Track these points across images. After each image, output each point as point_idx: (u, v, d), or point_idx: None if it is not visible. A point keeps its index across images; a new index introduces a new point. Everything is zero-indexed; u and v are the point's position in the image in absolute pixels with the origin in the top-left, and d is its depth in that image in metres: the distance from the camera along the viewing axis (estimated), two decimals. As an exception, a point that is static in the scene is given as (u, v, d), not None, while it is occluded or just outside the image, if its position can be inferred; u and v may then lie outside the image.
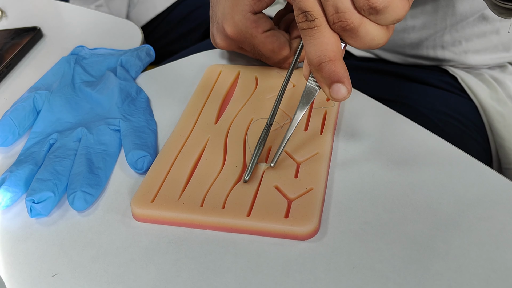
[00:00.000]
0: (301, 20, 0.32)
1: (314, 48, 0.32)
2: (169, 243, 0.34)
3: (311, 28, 0.32)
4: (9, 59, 0.57)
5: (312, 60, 0.33)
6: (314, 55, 0.32)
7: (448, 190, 0.35)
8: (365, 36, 0.32)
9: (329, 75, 0.33)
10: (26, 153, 0.42)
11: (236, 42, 0.47)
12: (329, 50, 0.32)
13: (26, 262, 0.34)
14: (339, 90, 0.33)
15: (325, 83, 0.33)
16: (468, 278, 0.29)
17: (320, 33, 0.32)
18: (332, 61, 0.32)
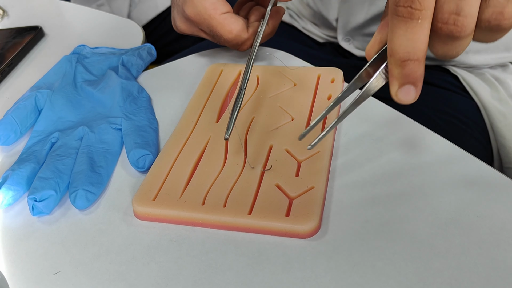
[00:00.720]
0: (404, 4, 0.27)
1: (406, 41, 0.28)
2: (171, 241, 0.34)
3: (412, 18, 0.27)
4: (11, 58, 0.58)
5: (398, 53, 0.29)
6: (403, 48, 0.28)
7: (449, 189, 0.35)
8: (458, 48, 0.29)
9: (409, 74, 0.29)
10: (28, 152, 0.42)
11: (195, 23, 0.48)
12: (421, 50, 0.28)
13: (28, 260, 0.34)
14: (409, 92, 0.30)
15: (398, 80, 0.30)
16: (468, 276, 0.29)
17: (420, 28, 0.28)
18: (418, 62, 0.29)
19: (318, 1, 0.66)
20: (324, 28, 0.69)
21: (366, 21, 0.62)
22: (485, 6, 0.26)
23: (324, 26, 0.69)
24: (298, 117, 0.42)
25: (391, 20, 0.28)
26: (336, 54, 0.70)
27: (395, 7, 0.28)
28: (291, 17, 0.73)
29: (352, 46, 0.67)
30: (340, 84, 0.45)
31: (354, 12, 0.62)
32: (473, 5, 0.26)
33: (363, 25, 0.63)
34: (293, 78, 0.46)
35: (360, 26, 0.64)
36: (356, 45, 0.67)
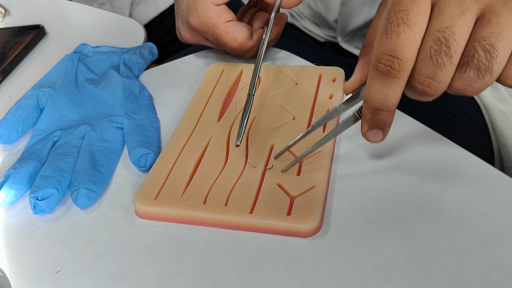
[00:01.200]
0: (385, 62, 0.29)
1: (381, 94, 0.31)
2: (172, 240, 0.34)
3: (390, 76, 0.29)
4: (13, 57, 0.58)
5: (372, 102, 0.31)
6: (376, 99, 0.31)
7: (450, 188, 0.35)
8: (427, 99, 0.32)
9: (379, 121, 0.32)
10: (29, 151, 0.42)
11: (200, 33, 0.48)
12: (393, 103, 0.31)
13: (30, 258, 0.34)
14: (377, 135, 0.33)
15: (369, 124, 0.33)
16: (469, 276, 0.29)
17: (396, 86, 0.30)
18: (389, 112, 0.32)
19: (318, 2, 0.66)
20: (325, 28, 0.69)
21: (366, 23, 0.63)
22: (458, 77, 0.29)
23: (325, 26, 0.69)
24: (299, 116, 0.42)
25: (371, 72, 0.30)
26: (337, 53, 0.70)
27: (376, 62, 0.30)
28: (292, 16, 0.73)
29: (352, 46, 0.67)
30: (341, 83, 0.45)
31: (354, 14, 0.63)
32: (448, 74, 0.29)
33: (363, 26, 0.63)
34: (295, 77, 0.46)
35: (360, 28, 0.64)
36: (357, 46, 0.67)
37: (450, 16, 0.28)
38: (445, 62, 0.28)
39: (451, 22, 0.28)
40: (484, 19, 0.27)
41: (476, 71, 0.28)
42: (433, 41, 0.28)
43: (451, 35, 0.28)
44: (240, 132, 0.37)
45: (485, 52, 0.27)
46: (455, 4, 0.28)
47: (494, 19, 0.27)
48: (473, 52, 0.28)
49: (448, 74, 0.29)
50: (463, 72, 0.28)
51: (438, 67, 0.28)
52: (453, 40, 0.28)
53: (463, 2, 0.28)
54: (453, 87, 0.29)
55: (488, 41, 0.27)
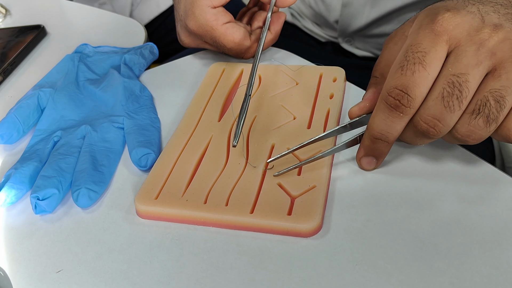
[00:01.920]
0: (395, 96, 0.31)
1: (384, 125, 0.33)
2: (173, 239, 0.34)
3: (397, 110, 0.31)
4: (14, 57, 0.58)
5: (374, 130, 0.33)
6: (379, 129, 0.33)
7: (451, 188, 0.35)
8: (423, 142, 0.34)
9: (375, 150, 0.35)
10: (30, 151, 0.42)
11: (199, 36, 0.48)
12: (393, 136, 0.33)
13: (31, 258, 0.34)
14: (370, 163, 0.36)
15: (366, 150, 0.35)
16: (470, 276, 0.29)
17: (400, 120, 0.32)
18: (388, 143, 0.34)
19: (320, 2, 0.66)
20: (326, 29, 0.69)
21: (367, 24, 0.63)
22: (466, 122, 0.31)
23: (326, 26, 0.69)
24: (300, 116, 0.42)
25: (379, 102, 0.32)
26: (338, 53, 0.70)
27: (386, 95, 0.31)
28: (292, 16, 0.73)
29: (353, 46, 0.67)
30: (342, 83, 0.45)
31: (355, 16, 0.63)
32: (454, 119, 0.31)
33: (363, 27, 0.63)
34: (295, 77, 0.46)
35: (361, 29, 0.64)
36: (357, 46, 0.67)
37: (465, 64, 0.30)
38: (455, 105, 0.30)
39: (465, 70, 0.29)
40: (495, 73, 0.30)
41: (485, 119, 0.30)
42: (447, 83, 0.30)
43: (465, 82, 0.30)
44: (237, 132, 0.37)
45: (496, 103, 0.30)
46: (471, 55, 0.30)
47: (504, 74, 0.29)
48: (485, 101, 0.30)
49: (455, 118, 0.31)
50: (473, 119, 0.30)
51: (448, 109, 0.30)
52: (465, 87, 0.30)
53: (478, 54, 0.30)
54: (458, 132, 0.31)
55: (499, 93, 0.29)
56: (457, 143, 0.33)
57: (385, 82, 0.32)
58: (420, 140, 0.33)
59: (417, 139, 0.33)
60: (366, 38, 0.65)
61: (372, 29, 0.63)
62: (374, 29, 0.63)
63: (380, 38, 0.64)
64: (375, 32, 0.64)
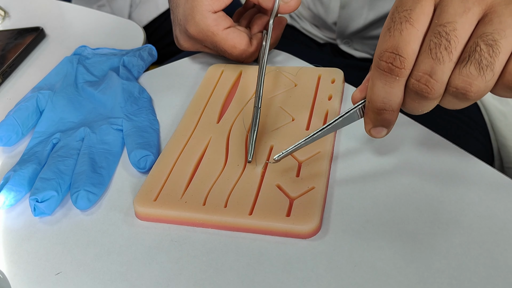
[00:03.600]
0: (387, 60, 0.29)
1: (384, 93, 0.31)
2: (172, 241, 0.34)
3: (391, 74, 0.29)
4: (12, 59, 0.58)
5: (375, 102, 0.31)
6: (379, 99, 0.31)
7: (449, 189, 0.35)
8: (423, 107, 0.31)
9: (383, 120, 0.32)
10: (29, 153, 0.42)
11: (199, 41, 0.48)
12: (396, 102, 0.31)
13: (30, 260, 0.34)
14: (381, 132, 0.33)
15: (372, 123, 0.33)
16: (468, 276, 0.29)
17: (397, 84, 0.30)
18: (393, 111, 0.32)
19: (318, 4, 0.66)
20: (324, 30, 0.69)
21: (365, 25, 0.63)
22: (457, 73, 0.28)
23: (324, 28, 0.69)
24: (298, 117, 0.42)
25: (373, 71, 0.31)
26: (336, 54, 0.70)
27: (378, 60, 0.30)
28: (291, 18, 0.73)
29: (351, 48, 0.67)
30: (340, 85, 0.45)
31: (353, 17, 0.63)
32: (445, 71, 0.28)
33: (362, 29, 0.63)
34: (294, 78, 0.46)
35: (359, 31, 0.64)
36: (356, 47, 0.67)
37: (451, 13, 0.28)
38: (444, 56, 0.28)
39: (452, 18, 0.28)
40: (486, 19, 0.28)
41: (477, 65, 0.28)
42: (433, 35, 0.28)
43: (452, 30, 0.28)
44: (250, 148, 0.37)
45: (487, 47, 0.27)
46: (457, 4, 0.28)
47: (496, 18, 0.27)
48: (475, 47, 0.28)
49: (447, 71, 0.29)
50: (463, 67, 0.28)
51: (437, 61, 0.28)
52: (454, 36, 0.28)
53: (465, 1, 0.28)
54: (452, 85, 0.29)
55: (491, 36, 0.27)
56: (458, 103, 0.30)
57: (376, 49, 0.30)
58: (419, 104, 0.31)
59: (416, 104, 0.31)
60: (364, 39, 0.65)
61: (370, 31, 0.64)
62: (372, 31, 0.63)
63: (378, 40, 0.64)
64: (373, 34, 0.64)
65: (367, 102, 0.32)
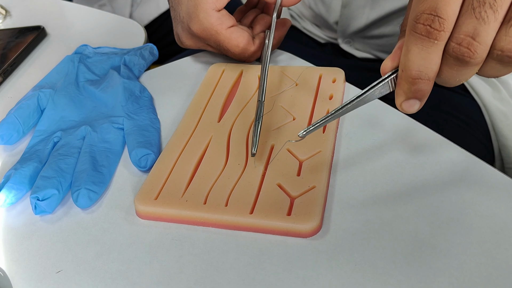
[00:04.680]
0: (424, 22, 0.27)
1: (420, 60, 0.28)
2: (173, 240, 0.34)
3: (429, 37, 0.27)
4: (14, 58, 0.58)
5: (410, 70, 0.29)
6: (416, 67, 0.29)
7: (450, 188, 0.35)
8: (461, 76, 0.29)
9: (417, 91, 0.30)
10: (30, 151, 0.42)
11: (202, 39, 0.48)
12: (433, 70, 0.29)
13: (30, 258, 0.34)
14: (414, 105, 0.31)
15: (406, 94, 0.30)
16: (469, 276, 0.29)
17: (435, 48, 0.27)
18: (428, 81, 0.29)
19: (319, 3, 0.66)
20: (325, 30, 0.69)
21: (367, 25, 0.63)
22: (503, 34, 0.26)
23: (325, 27, 0.69)
24: (299, 116, 0.42)
25: (408, 36, 0.28)
26: (337, 54, 0.70)
27: (414, 23, 0.27)
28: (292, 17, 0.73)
29: (352, 48, 0.67)
30: (341, 84, 0.45)
31: (355, 17, 0.63)
32: (490, 33, 0.26)
33: (363, 28, 0.63)
34: (295, 78, 0.46)
35: (361, 30, 0.64)
36: (357, 47, 0.67)
37: None
38: (489, 15, 0.26)
39: None
40: None
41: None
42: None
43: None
44: (255, 140, 0.37)
45: None
46: None
47: None
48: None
49: (491, 32, 0.26)
50: (510, 26, 0.26)
51: (482, 21, 0.26)
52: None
53: None
54: (497, 48, 0.26)
55: None
56: (501, 70, 0.28)
57: (411, 12, 0.28)
58: (457, 72, 0.28)
59: (454, 72, 0.28)
60: (366, 39, 0.65)
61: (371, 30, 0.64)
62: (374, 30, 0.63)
63: (379, 39, 0.64)
64: (375, 33, 0.64)
65: (400, 71, 0.30)
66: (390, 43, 0.63)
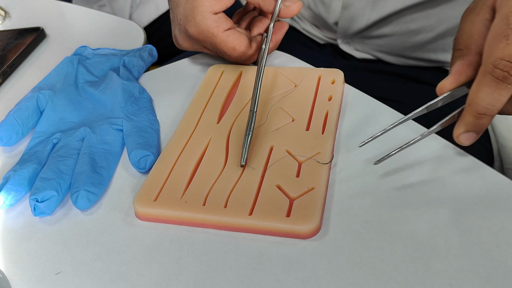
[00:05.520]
0: (503, 68, 0.30)
1: (490, 99, 0.31)
2: (172, 241, 0.34)
3: (505, 81, 0.30)
4: (13, 59, 0.58)
5: (478, 106, 0.31)
6: (484, 104, 0.31)
7: (449, 189, 0.35)
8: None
9: (479, 125, 0.33)
10: (29, 153, 0.42)
11: (199, 41, 0.47)
12: (498, 109, 0.32)
13: (29, 260, 0.34)
14: (471, 138, 0.34)
15: (467, 127, 0.33)
16: (468, 277, 0.29)
17: (507, 92, 0.30)
18: (492, 117, 0.32)
19: (319, 4, 0.66)
20: (324, 30, 0.69)
21: (367, 26, 0.63)
22: None
23: (324, 28, 0.69)
24: (298, 118, 0.42)
25: (482, 76, 0.31)
26: (336, 55, 0.70)
27: (492, 68, 0.30)
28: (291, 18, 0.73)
29: (352, 48, 0.67)
30: (340, 85, 0.45)
31: (355, 18, 0.63)
32: None
33: (363, 29, 0.63)
34: (294, 79, 0.46)
35: (361, 31, 0.64)
36: (356, 48, 0.67)
37: None
38: None
39: None
40: None
41: None
42: None
43: None
44: (244, 152, 0.37)
45: None
46: None
47: None
48: None
49: None
50: None
51: None
52: None
53: None
54: None
55: None
56: None
57: (486, 54, 0.31)
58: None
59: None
60: (365, 39, 0.65)
61: (371, 31, 0.64)
62: (374, 31, 0.63)
63: (379, 39, 0.64)
64: (374, 34, 0.64)
65: (467, 105, 0.32)
66: (390, 43, 0.63)
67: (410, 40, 0.62)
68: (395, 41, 0.63)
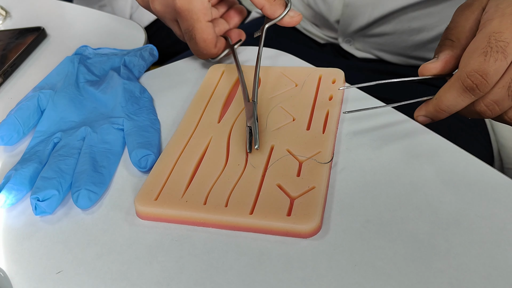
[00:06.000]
0: (474, 80, 0.33)
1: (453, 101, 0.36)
2: (172, 240, 0.34)
3: (471, 92, 0.34)
4: (14, 59, 0.58)
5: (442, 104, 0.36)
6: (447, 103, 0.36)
7: (450, 189, 0.35)
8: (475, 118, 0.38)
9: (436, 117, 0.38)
10: (30, 152, 0.42)
11: (177, 15, 0.45)
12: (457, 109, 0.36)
13: (31, 259, 0.35)
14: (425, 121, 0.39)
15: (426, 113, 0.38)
16: (469, 276, 0.29)
17: (469, 100, 0.35)
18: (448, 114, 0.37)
19: (320, 2, 0.66)
20: (325, 29, 0.69)
21: (368, 23, 0.63)
22: None
23: (325, 27, 0.69)
24: (299, 117, 0.42)
25: (455, 81, 0.35)
26: (337, 55, 0.70)
27: (465, 77, 0.34)
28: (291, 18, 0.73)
29: (352, 47, 0.67)
30: (341, 85, 0.45)
31: (357, 15, 0.63)
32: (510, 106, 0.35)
33: (365, 27, 0.63)
34: (295, 79, 0.46)
35: (362, 28, 0.64)
36: (357, 47, 0.67)
37: None
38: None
39: None
40: None
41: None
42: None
43: None
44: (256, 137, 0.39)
45: None
46: None
47: None
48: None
49: (510, 105, 0.34)
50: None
51: (510, 98, 0.33)
52: None
53: None
54: (509, 116, 0.36)
55: None
56: (500, 121, 0.37)
57: (464, 63, 0.34)
58: (473, 117, 0.37)
59: (472, 115, 0.37)
60: (366, 37, 0.65)
61: (372, 29, 0.64)
62: (375, 29, 0.63)
63: (380, 38, 0.64)
64: (375, 32, 0.64)
65: (434, 98, 0.37)
66: (391, 42, 0.63)
67: (411, 39, 0.62)
68: (396, 39, 0.63)
